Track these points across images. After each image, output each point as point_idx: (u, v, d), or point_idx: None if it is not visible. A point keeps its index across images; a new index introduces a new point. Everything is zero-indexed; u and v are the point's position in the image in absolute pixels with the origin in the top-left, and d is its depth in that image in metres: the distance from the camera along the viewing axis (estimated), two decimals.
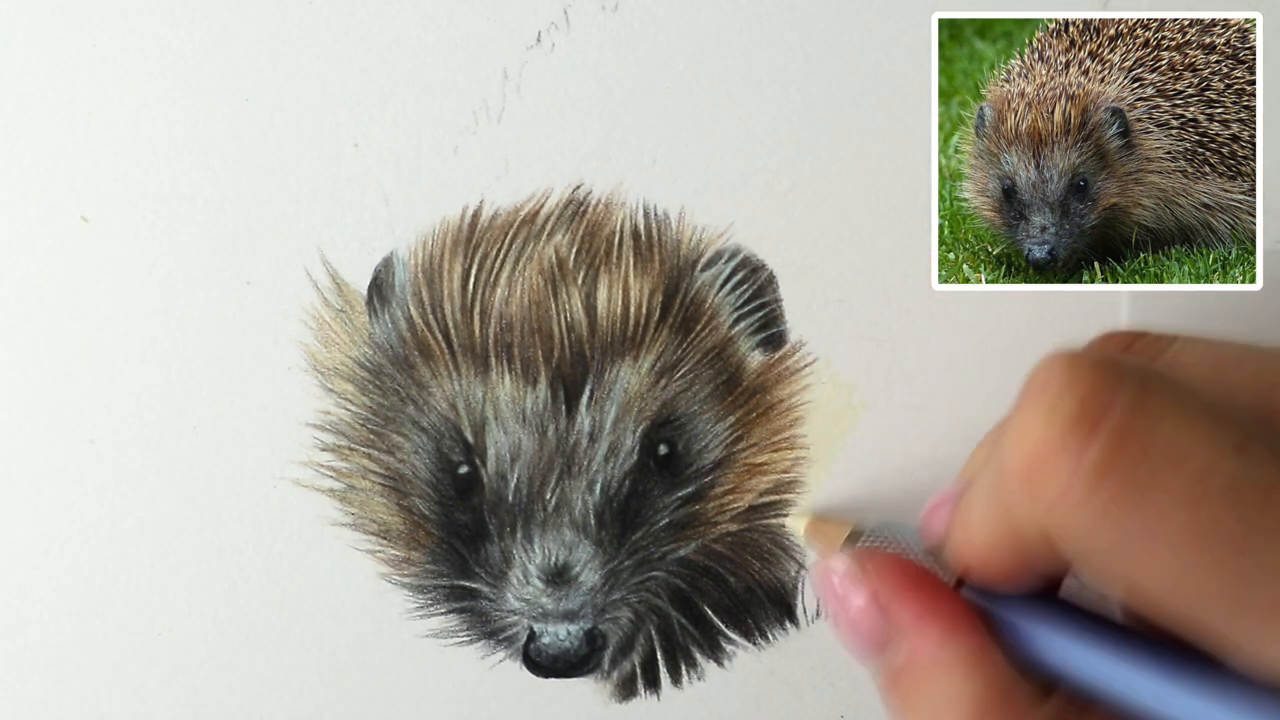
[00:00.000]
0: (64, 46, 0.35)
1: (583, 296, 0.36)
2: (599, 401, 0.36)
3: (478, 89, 0.35)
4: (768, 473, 0.37)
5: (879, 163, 0.35)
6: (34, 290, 0.36)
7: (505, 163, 0.35)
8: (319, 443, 0.36)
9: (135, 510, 0.37)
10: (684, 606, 0.37)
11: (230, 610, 0.37)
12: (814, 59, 0.35)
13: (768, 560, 0.37)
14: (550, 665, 0.36)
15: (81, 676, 0.37)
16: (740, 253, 0.36)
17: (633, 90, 0.35)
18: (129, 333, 0.36)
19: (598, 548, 0.36)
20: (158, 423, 0.36)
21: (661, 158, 0.35)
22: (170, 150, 0.35)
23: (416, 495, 0.37)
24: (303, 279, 0.36)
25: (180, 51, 0.35)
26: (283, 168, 0.35)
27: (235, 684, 0.38)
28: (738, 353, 0.36)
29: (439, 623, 0.37)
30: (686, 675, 0.38)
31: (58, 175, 0.35)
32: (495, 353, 0.36)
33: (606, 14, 0.35)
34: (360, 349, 0.36)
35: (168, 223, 0.35)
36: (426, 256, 0.36)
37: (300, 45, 0.35)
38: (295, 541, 0.37)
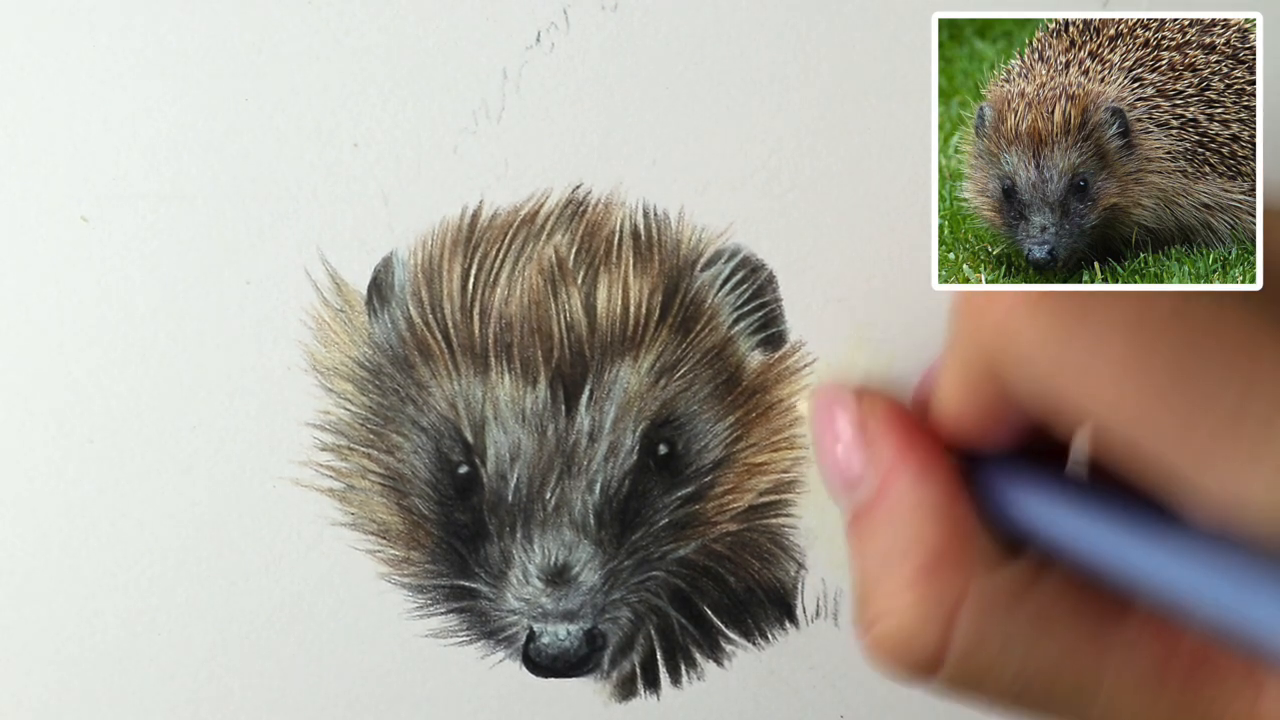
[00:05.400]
0: (64, 46, 0.35)
1: (582, 296, 0.36)
2: (599, 401, 0.36)
3: (477, 89, 0.35)
4: (768, 472, 0.37)
5: (879, 163, 0.35)
6: (34, 290, 0.35)
7: (505, 163, 0.35)
8: (319, 443, 0.36)
9: (135, 510, 0.37)
10: (684, 606, 0.37)
11: (230, 610, 0.37)
12: (814, 59, 0.35)
13: (768, 560, 0.37)
14: (550, 665, 0.36)
15: (81, 676, 0.37)
16: (740, 253, 0.36)
17: (633, 90, 0.35)
18: (129, 333, 0.36)
19: (597, 547, 0.36)
20: (158, 423, 0.36)
21: (661, 158, 0.35)
22: (170, 150, 0.35)
23: (416, 495, 0.37)
24: (302, 279, 0.36)
25: (180, 51, 0.35)
26: (282, 168, 0.35)
27: (235, 684, 0.38)
28: (737, 352, 0.36)
29: (439, 623, 0.37)
30: (686, 675, 0.38)
31: (58, 175, 0.35)
32: (495, 353, 0.36)
33: (606, 14, 0.35)
34: (360, 349, 0.36)
35: (168, 223, 0.35)
36: (426, 256, 0.36)
37: (300, 45, 0.35)
38: (295, 541, 0.37)
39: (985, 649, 0.25)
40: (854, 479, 0.27)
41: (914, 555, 0.25)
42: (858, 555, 0.27)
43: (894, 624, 0.25)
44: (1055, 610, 0.25)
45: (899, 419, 0.27)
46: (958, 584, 0.25)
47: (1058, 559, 0.25)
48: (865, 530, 0.27)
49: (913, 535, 0.25)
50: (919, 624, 0.25)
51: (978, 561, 0.25)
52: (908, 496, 0.26)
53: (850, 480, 0.27)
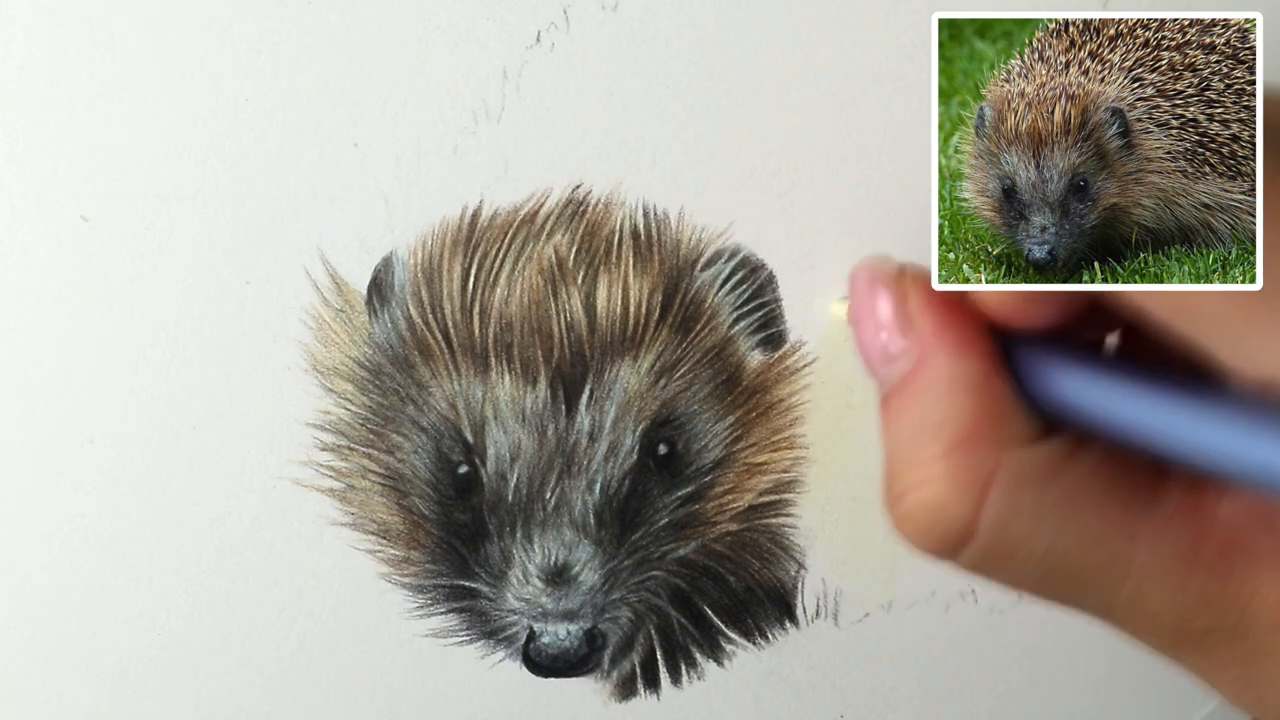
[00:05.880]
0: (64, 46, 0.35)
1: (582, 296, 0.36)
2: (599, 401, 0.36)
3: (477, 89, 0.35)
4: (767, 472, 0.37)
5: (879, 163, 0.35)
6: (34, 290, 0.35)
7: (505, 163, 0.35)
8: (319, 442, 0.36)
9: (135, 510, 0.37)
10: (684, 606, 0.37)
11: (230, 610, 0.37)
12: (814, 59, 0.35)
13: (767, 560, 0.37)
14: (550, 665, 0.36)
15: (81, 676, 0.37)
16: (740, 252, 0.36)
17: (633, 90, 0.35)
18: (129, 332, 0.36)
19: (597, 547, 0.36)
20: (158, 423, 0.36)
21: (661, 158, 0.35)
22: (170, 150, 0.35)
23: (416, 495, 0.37)
24: (302, 279, 0.36)
25: (180, 51, 0.35)
26: (282, 168, 0.35)
27: (235, 684, 0.38)
28: (737, 352, 0.36)
29: (439, 622, 0.37)
30: (686, 675, 0.38)
31: (58, 175, 0.35)
32: (495, 352, 0.36)
33: (606, 14, 0.35)
34: (360, 349, 0.36)
35: (168, 223, 0.35)
36: (426, 256, 0.36)
37: (300, 45, 0.35)
38: (295, 541, 0.37)
39: (1016, 525, 0.24)
40: (892, 354, 0.27)
41: (948, 429, 0.25)
42: (890, 431, 0.26)
43: (925, 495, 0.25)
44: (1088, 490, 0.25)
45: (938, 297, 0.27)
46: (991, 458, 0.25)
47: (1093, 438, 0.25)
48: (899, 405, 0.26)
49: (947, 409, 0.25)
50: (951, 496, 0.25)
51: (1012, 438, 0.25)
52: (944, 371, 0.26)
53: (888, 355, 0.27)
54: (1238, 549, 0.25)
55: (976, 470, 0.25)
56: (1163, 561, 0.25)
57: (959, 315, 0.27)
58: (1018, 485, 0.25)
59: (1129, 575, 0.25)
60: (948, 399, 0.25)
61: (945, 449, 0.25)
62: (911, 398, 0.26)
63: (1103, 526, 0.25)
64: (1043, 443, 0.25)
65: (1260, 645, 0.24)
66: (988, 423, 0.25)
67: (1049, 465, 0.25)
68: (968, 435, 0.25)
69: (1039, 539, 0.25)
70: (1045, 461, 0.25)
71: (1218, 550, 0.25)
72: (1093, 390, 0.25)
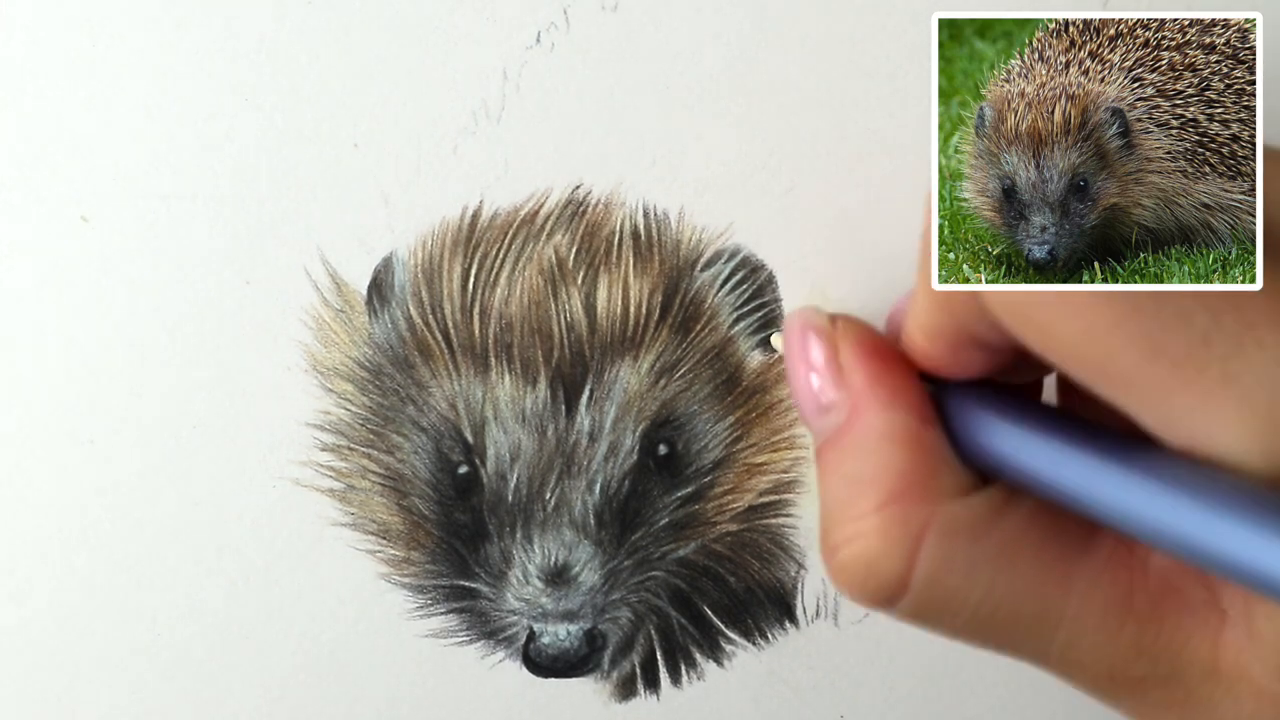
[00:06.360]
0: (64, 46, 0.35)
1: (582, 296, 0.36)
2: (599, 401, 0.36)
3: (477, 89, 0.35)
4: (767, 473, 0.37)
5: (879, 163, 0.35)
6: (34, 290, 0.35)
7: (505, 163, 0.35)
8: (319, 443, 0.36)
9: (135, 510, 0.37)
10: (684, 606, 0.37)
11: (230, 610, 0.37)
12: (814, 59, 0.35)
13: (767, 560, 0.37)
14: (550, 665, 0.36)
15: (81, 676, 0.37)
16: (740, 253, 0.36)
17: (633, 90, 0.35)
18: (129, 333, 0.36)
19: (597, 548, 0.36)
20: (158, 423, 0.36)
21: (661, 158, 0.35)
22: (170, 150, 0.35)
23: (416, 495, 0.37)
24: (302, 279, 0.36)
25: (180, 51, 0.35)
26: (282, 168, 0.35)
27: (235, 684, 0.38)
28: (737, 353, 0.36)
29: (439, 623, 0.37)
30: (686, 675, 0.38)
31: (58, 175, 0.35)
32: (495, 353, 0.36)
33: (606, 14, 0.35)
34: (360, 349, 0.36)
35: (168, 223, 0.35)
36: (426, 256, 0.36)
37: (300, 45, 0.35)
38: (295, 541, 0.37)
39: (949, 577, 0.25)
40: (825, 405, 0.27)
41: (881, 481, 0.25)
42: (824, 483, 0.26)
43: (859, 549, 0.25)
44: (1021, 542, 0.25)
45: (871, 346, 0.27)
46: (924, 513, 0.25)
47: (1025, 490, 0.25)
48: (834, 457, 0.26)
49: (881, 462, 0.25)
50: (884, 549, 0.25)
51: (944, 491, 0.25)
52: (876, 425, 0.26)
53: (821, 407, 0.27)
54: (1170, 598, 0.25)
55: (909, 525, 0.25)
56: (1096, 611, 0.25)
57: (891, 366, 0.27)
58: (950, 539, 0.25)
59: (1062, 624, 0.25)
60: (880, 453, 0.25)
61: (878, 503, 0.25)
62: (845, 451, 0.26)
63: (1036, 577, 0.25)
64: (975, 495, 0.25)
65: (1193, 693, 0.24)
66: (920, 477, 0.25)
67: (982, 517, 0.25)
68: (900, 490, 0.25)
69: (972, 591, 0.25)
70: (978, 514, 0.25)
71: (1150, 599, 0.25)
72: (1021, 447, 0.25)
